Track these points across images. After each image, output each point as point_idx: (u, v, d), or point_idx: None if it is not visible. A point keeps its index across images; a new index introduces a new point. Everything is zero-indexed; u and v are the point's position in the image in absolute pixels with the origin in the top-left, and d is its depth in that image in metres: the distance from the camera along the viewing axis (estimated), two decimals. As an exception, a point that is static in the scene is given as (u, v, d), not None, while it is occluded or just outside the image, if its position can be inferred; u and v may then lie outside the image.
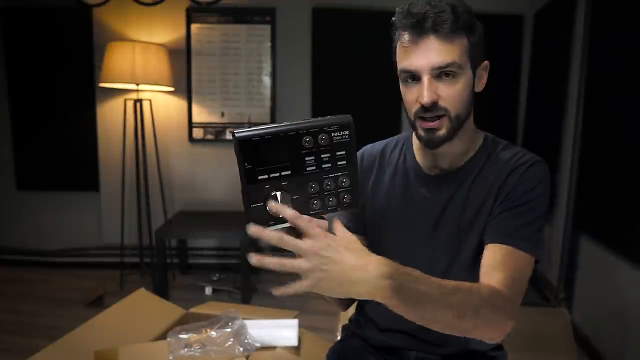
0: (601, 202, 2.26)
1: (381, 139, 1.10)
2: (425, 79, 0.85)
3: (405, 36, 0.85)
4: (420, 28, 0.83)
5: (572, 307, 2.50)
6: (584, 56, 2.44)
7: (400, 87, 0.92)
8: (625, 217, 2.02)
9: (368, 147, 1.09)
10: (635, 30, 1.98)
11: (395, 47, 0.90)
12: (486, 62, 0.92)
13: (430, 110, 0.86)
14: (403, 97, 0.92)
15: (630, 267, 1.96)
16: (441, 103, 0.86)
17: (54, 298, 2.99)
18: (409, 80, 0.88)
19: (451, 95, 0.86)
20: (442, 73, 0.84)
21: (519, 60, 3.39)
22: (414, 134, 1.03)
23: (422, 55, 0.84)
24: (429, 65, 0.84)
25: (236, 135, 0.66)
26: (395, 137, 1.10)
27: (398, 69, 0.90)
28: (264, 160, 0.67)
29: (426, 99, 0.84)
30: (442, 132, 0.88)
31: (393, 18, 0.88)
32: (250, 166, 0.66)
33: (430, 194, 0.97)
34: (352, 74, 3.38)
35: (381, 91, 3.25)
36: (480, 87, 0.93)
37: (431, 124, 0.87)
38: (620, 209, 2.07)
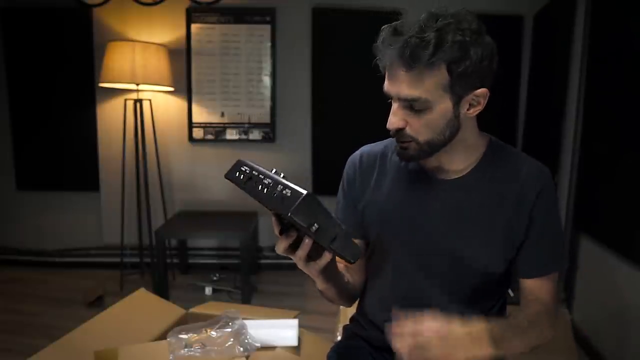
0: (601, 203, 2.26)
1: (382, 140, 1.09)
2: (395, 105, 0.86)
3: (381, 59, 0.85)
4: (394, 55, 0.81)
5: (572, 307, 2.50)
6: (583, 57, 2.44)
7: None
8: (625, 217, 2.02)
9: (367, 148, 1.08)
10: (635, 31, 1.98)
11: None
12: (483, 90, 0.86)
13: (396, 135, 0.89)
14: None
15: (631, 267, 1.96)
16: (408, 131, 0.87)
17: (54, 298, 2.99)
18: (389, 100, 0.89)
19: (418, 125, 0.86)
20: (410, 104, 0.84)
21: (519, 61, 3.39)
22: None
23: (393, 84, 0.85)
24: (397, 95, 0.85)
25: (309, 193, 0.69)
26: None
27: None
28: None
29: (389, 125, 0.87)
30: (411, 153, 0.90)
31: (382, 31, 0.85)
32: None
33: (436, 197, 0.95)
34: (352, 74, 3.37)
35: (381, 91, 3.25)
36: (472, 112, 0.89)
37: (401, 144, 0.90)
38: (621, 209, 2.07)
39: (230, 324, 1.37)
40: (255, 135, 3.48)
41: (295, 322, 1.47)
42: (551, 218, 0.93)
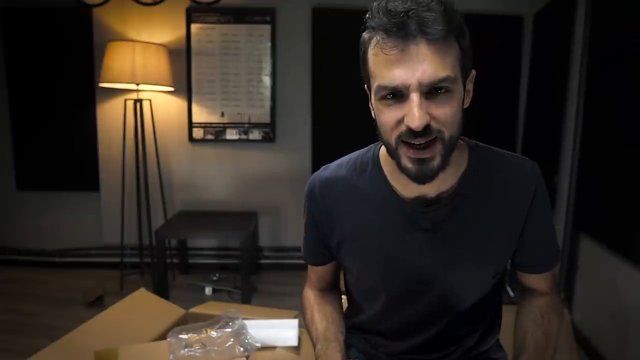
0: (601, 203, 2.26)
1: None
2: (415, 97, 0.67)
3: (386, 41, 0.67)
4: (405, 30, 0.65)
5: (572, 307, 2.50)
6: (583, 57, 2.44)
7: (374, 105, 0.73)
8: (625, 218, 2.02)
9: (324, 175, 0.92)
10: (635, 31, 1.98)
11: (365, 53, 0.72)
12: (473, 72, 0.78)
13: (422, 134, 0.69)
14: (377, 118, 0.74)
15: (631, 267, 1.96)
16: (434, 125, 0.69)
17: (54, 298, 2.99)
18: (389, 98, 0.70)
19: (446, 114, 0.69)
20: (434, 89, 0.68)
21: (519, 60, 3.39)
22: (381, 153, 0.88)
23: (410, 67, 0.66)
24: (421, 80, 0.66)
25: None
26: (353, 157, 0.92)
27: (374, 83, 0.71)
28: None
29: (418, 122, 0.67)
30: (435, 162, 0.72)
31: (367, 15, 0.70)
32: None
33: (420, 224, 0.83)
34: (352, 74, 3.36)
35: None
36: (467, 102, 0.77)
37: (423, 154, 0.70)
38: (621, 209, 2.07)
39: (230, 324, 1.37)
40: (255, 135, 3.48)
41: (295, 322, 1.47)
42: (546, 214, 0.89)
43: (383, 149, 0.87)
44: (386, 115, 0.71)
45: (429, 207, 0.83)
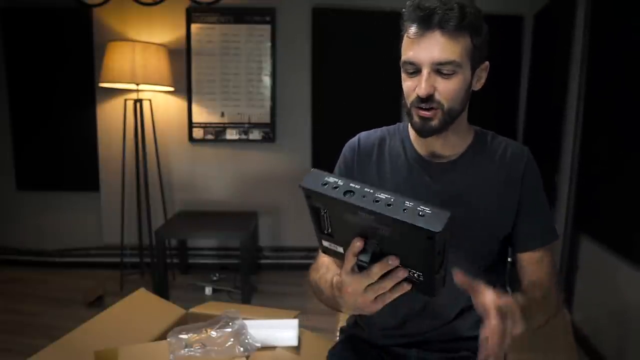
0: (601, 203, 2.26)
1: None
2: (425, 72, 0.88)
3: (412, 28, 0.88)
4: (427, 22, 0.86)
5: (572, 307, 2.50)
6: (583, 56, 2.44)
7: (402, 75, 0.95)
8: (625, 218, 2.03)
9: (364, 134, 1.11)
10: (635, 31, 1.98)
11: (402, 37, 0.93)
12: (486, 63, 0.95)
13: (426, 101, 0.90)
14: (403, 84, 0.95)
15: (631, 267, 1.96)
16: (437, 96, 0.90)
17: (54, 298, 2.99)
18: (410, 71, 0.91)
19: (447, 90, 0.89)
20: (441, 68, 0.88)
21: (519, 60, 3.39)
22: (409, 125, 1.04)
23: (425, 49, 0.87)
24: (430, 60, 0.87)
25: None
26: (390, 127, 1.11)
27: (401, 59, 0.93)
28: None
29: (423, 90, 0.88)
30: (434, 122, 0.92)
31: (403, 9, 0.91)
32: None
33: (435, 181, 0.99)
34: (352, 74, 3.38)
35: (381, 90, 3.24)
36: (478, 86, 0.96)
37: (426, 114, 0.91)
38: (621, 209, 2.07)
39: (230, 324, 1.37)
40: (255, 135, 3.48)
41: (295, 322, 1.47)
42: (539, 191, 1.01)
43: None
44: (407, 83, 0.93)
45: (437, 159, 1.01)
